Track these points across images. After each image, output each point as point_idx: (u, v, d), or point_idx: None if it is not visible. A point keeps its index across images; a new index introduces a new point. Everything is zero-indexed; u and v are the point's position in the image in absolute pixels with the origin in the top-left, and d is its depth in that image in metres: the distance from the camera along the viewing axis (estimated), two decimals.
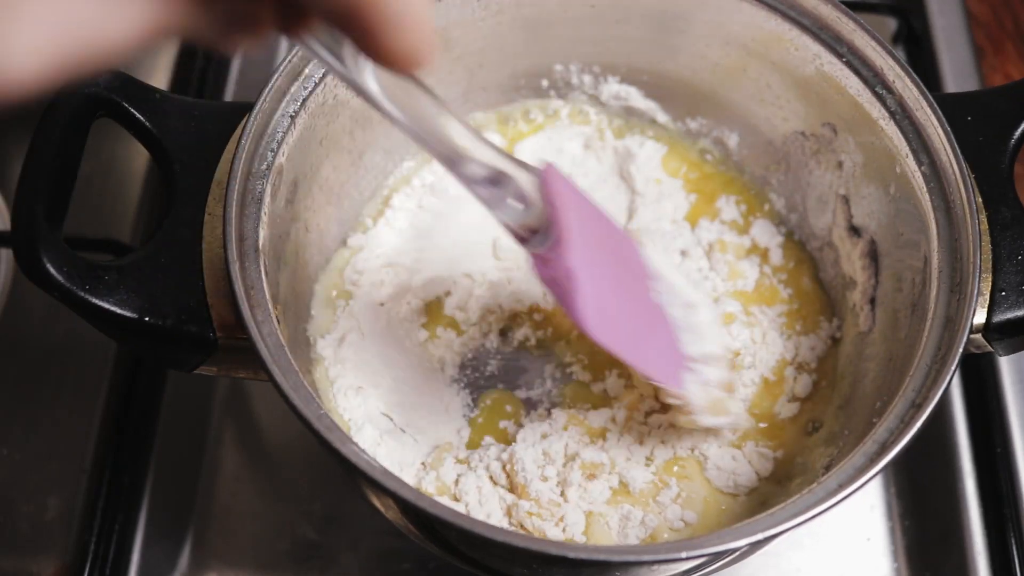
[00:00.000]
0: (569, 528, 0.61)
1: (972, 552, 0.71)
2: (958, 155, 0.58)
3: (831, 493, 0.49)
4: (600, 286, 0.53)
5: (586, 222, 0.54)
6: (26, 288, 0.62)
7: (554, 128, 0.78)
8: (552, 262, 0.52)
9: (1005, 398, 0.75)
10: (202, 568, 0.70)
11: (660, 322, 0.60)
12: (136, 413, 0.74)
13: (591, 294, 0.52)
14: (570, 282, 0.52)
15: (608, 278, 0.55)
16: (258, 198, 0.57)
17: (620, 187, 0.77)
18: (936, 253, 0.57)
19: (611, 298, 0.54)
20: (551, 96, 0.77)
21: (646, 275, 0.60)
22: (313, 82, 0.61)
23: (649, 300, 0.59)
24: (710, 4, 0.67)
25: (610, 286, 0.55)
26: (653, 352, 0.58)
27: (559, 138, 0.77)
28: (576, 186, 0.56)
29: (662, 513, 0.63)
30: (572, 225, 0.52)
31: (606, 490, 0.63)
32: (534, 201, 0.51)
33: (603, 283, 0.54)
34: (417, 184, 0.75)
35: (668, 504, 0.63)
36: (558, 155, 0.77)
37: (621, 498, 0.63)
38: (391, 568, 0.70)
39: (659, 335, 0.59)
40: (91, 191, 0.82)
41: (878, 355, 0.63)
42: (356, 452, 0.48)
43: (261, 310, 0.52)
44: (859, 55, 0.63)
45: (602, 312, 0.53)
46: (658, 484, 0.64)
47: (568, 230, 0.51)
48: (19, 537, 0.69)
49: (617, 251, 0.58)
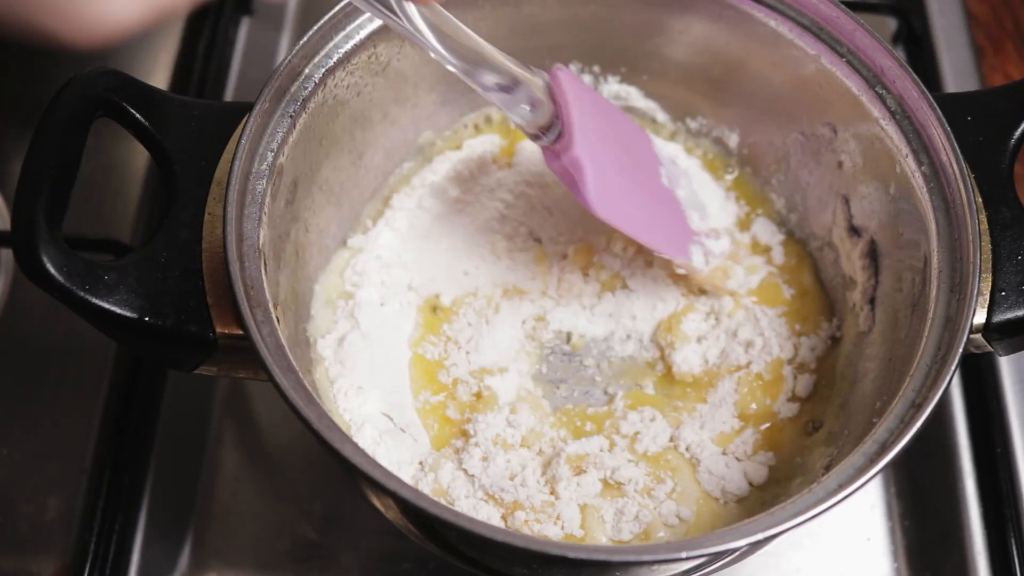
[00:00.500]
0: (567, 524, 0.61)
1: (972, 552, 0.71)
2: (958, 155, 0.58)
3: (831, 493, 0.49)
4: (606, 172, 0.59)
5: (593, 116, 0.60)
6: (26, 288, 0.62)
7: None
8: (561, 153, 0.58)
9: (1005, 398, 0.75)
10: (202, 568, 0.70)
11: (668, 201, 0.66)
12: (136, 413, 0.74)
13: (596, 179, 0.58)
14: (576, 169, 0.58)
15: (615, 164, 0.61)
16: (258, 198, 0.57)
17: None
18: (936, 253, 0.57)
19: (618, 182, 0.61)
20: None
21: (656, 161, 0.67)
22: (313, 82, 0.61)
23: (658, 183, 0.66)
24: (710, 4, 0.67)
25: (617, 171, 0.61)
26: (660, 228, 0.65)
27: None
28: (586, 85, 0.63)
29: (656, 508, 0.63)
30: (576, 120, 0.58)
31: (597, 483, 0.63)
32: (543, 102, 0.58)
33: (610, 169, 0.60)
34: (417, 184, 0.75)
35: (663, 500, 0.63)
36: None
37: (614, 492, 0.63)
38: (391, 568, 0.70)
39: (667, 213, 0.66)
40: (91, 191, 0.82)
41: (878, 355, 0.63)
42: (356, 452, 0.48)
43: (261, 310, 0.52)
44: (859, 55, 0.63)
45: (608, 194, 0.59)
46: (650, 480, 0.64)
47: (572, 124, 0.58)
48: (19, 537, 0.69)
49: (626, 141, 0.65)
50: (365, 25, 0.63)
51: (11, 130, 0.87)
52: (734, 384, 0.68)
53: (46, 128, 0.54)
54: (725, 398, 0.68)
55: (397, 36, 0.65)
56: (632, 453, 0.65)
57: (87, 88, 0.56)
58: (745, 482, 0.64)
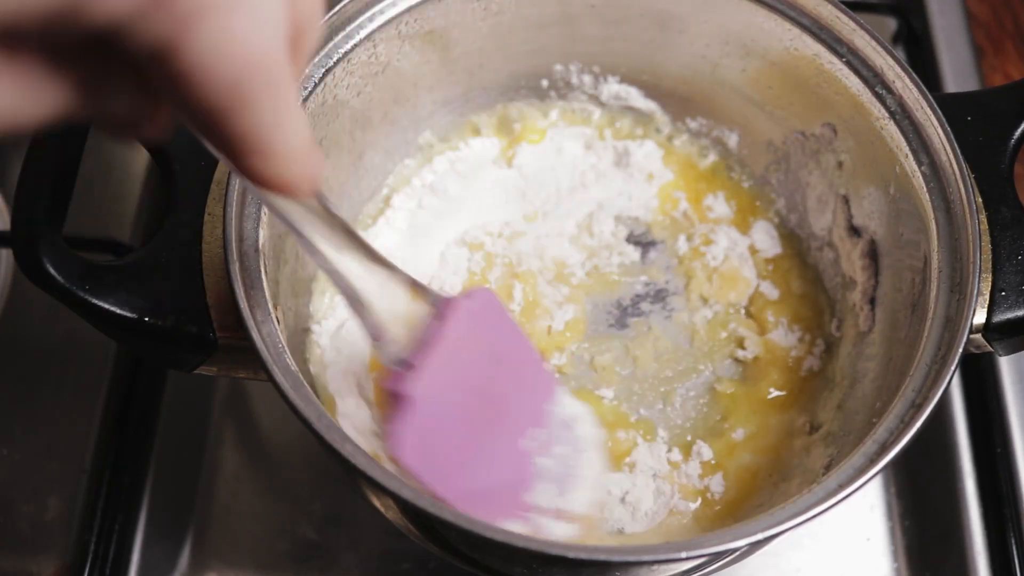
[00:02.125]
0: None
1: (972, 552, 0.71)
2: (958, 155, 0.58)
3: (831, 493, 0.49)
4: (435, 420, 0.51)
5: (465, 363, 0.52)
6: (26, 288, 0.62)
7: (555, 128, 0.78)
8: (396, 381, 0.50)
9: (1005, 398, 0.75)
10: (202, 568, 0.70)
11: (513, 466, 0.56)
12: (136, 413, 0.74)
13: (414, 425, 0.50)
14: (400, 406, 0.50)
15: (456, 414, 0.52)
16: (258, 198, 0.57)
17: (619, 179, 0.77)
18: (936, 253, 0.57)
19: (447, 432, 0.52)
20: (551, 96, 0.77)
21: (534, 423, 0.57)
22: (313, 82, 0.61)
23: (514, 446, 0.56)
24: (710, 4, 0.67)
25: (454, 422, 0.52)
26: (481, 490, 0.54)
27: (559, 138, 0.77)
28: (496, 319, 0.54)
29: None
30: (436, 363, 0.50)
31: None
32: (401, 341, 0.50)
33: (443, 418, 0.51)
34: (417, 184, 0.75)
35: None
36: (558, 155, 0.77)
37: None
38: (391, 568, 0.70)
39: (501, 477, 0.56)
40: (91, 191, 0.82)
41: (878, 355, 0.63)
42: (356, 452, 0.48)
43: (261, 310, 0.52)
44: (859, 55, 0.63)
45: (422, 443, 0.50)
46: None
47: (427, 366, 0.50)
48: (19, 537, 0.69)
49: (502, 392, 0.55)
50: (365, 25, 0.63)
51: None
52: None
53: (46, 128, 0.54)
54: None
55: (397, 36, 0.65)
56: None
57: None
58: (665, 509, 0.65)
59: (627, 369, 0.70)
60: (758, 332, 0.71)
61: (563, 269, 0.73)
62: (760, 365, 0.69)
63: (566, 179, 0.76)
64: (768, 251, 0.74)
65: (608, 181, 0.76)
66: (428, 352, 0.50)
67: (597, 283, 0.73)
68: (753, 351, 0.70)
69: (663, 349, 0.70)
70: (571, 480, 0.58)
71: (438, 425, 0.52)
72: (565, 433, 0.59)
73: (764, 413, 0.68)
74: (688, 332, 0.71)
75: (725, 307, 0.72)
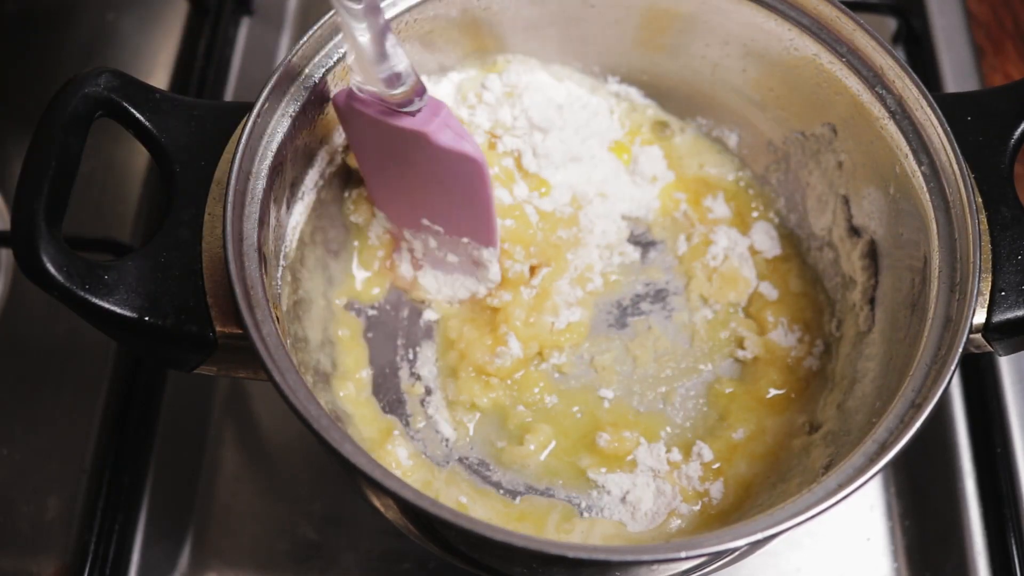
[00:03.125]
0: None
1: (972, 552, 0.71)
2: (958, 155, 0.58)
3: (831, 493, 0.49)
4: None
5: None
6: (26, 288, 0.62)
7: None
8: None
9: (1005, 398, 0.75)
10: (202, 568, 0.70)
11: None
12: (136, 413, 0.74)
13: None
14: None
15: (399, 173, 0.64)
16: (258, 198, 0.57)
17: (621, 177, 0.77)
18: (936, 253, 0.57)
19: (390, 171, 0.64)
20: None
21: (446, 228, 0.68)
22: (313, 82, 0.61)
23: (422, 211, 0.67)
24: (710, 4, 0.67)
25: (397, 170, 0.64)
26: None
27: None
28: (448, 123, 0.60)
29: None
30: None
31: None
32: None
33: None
34: None
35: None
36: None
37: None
38: (391, 568, 0.70)
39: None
40: (91, 191, 0.82)
41: (878, 355, 0.63)
42: (356, 452, 0.48)
43: (261, 310, 0.52)
44: (859, 55, 0.63)
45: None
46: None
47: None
48: (19, 537, 0.70)
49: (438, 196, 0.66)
50: None
51: (11, 130, 0.87)
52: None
53: (46, 128, 0.54)
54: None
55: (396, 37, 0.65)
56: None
57: (87, 88, 0.56)
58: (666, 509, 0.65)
59: (627, 369, 0.70)
60: (758, 332, 0.71)
61: (588, 272, 0.73)
62: (760, 365, 0.69)
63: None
64: (768, 251, 0.74)
65: (618, 183, 0.77)
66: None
67: (600, 285, 0.73)
68: (753, 351, 0.70)
69: (663, 349, 0.70)
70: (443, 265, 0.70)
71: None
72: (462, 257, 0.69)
73: (764, 413, 0.68)
74: (688, 332, 0.71)
75: (725, 307, 0.72)
